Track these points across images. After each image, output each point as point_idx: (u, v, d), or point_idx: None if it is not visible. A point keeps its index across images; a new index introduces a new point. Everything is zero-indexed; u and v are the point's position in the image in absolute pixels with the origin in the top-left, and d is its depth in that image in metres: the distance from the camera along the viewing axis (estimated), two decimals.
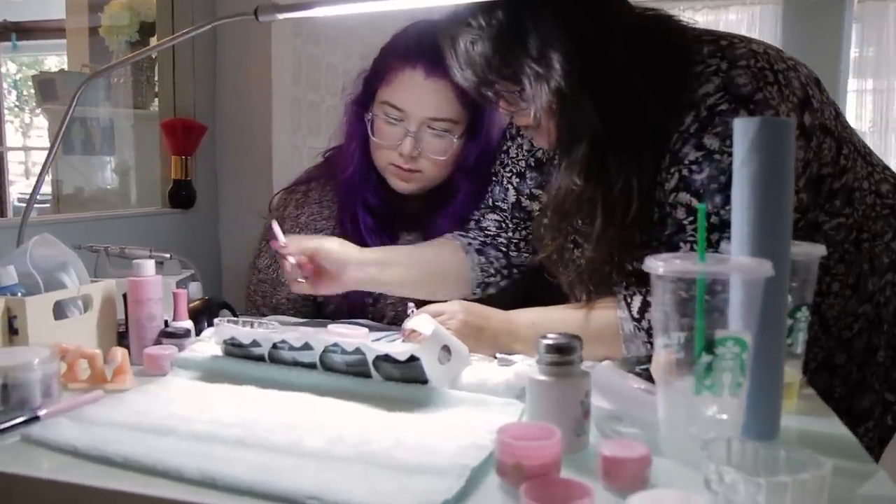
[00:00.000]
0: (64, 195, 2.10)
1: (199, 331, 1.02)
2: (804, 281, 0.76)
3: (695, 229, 0.88)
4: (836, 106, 0.99)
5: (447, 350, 0.81)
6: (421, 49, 1.14)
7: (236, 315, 1.14)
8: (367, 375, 0.82)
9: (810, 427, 0.75)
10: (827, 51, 3.53)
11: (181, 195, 1.68)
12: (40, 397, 0.75)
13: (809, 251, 0.76)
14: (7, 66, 5.25)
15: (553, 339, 0.66)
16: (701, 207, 0.66)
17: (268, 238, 1.32)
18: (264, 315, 1.26)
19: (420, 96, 1.16)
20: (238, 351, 0.89)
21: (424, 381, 0.79)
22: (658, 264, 0.63)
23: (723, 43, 0.91)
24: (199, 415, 0.73)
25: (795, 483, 0.50)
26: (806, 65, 0.96)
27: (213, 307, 1.10)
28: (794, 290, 0.74)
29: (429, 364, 0.79)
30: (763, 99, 0.86)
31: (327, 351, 0.84)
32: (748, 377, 0.63)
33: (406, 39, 1.20)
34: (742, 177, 0.67)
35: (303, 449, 0.65)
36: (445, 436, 0.68)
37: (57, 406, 0.74)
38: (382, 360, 0.81)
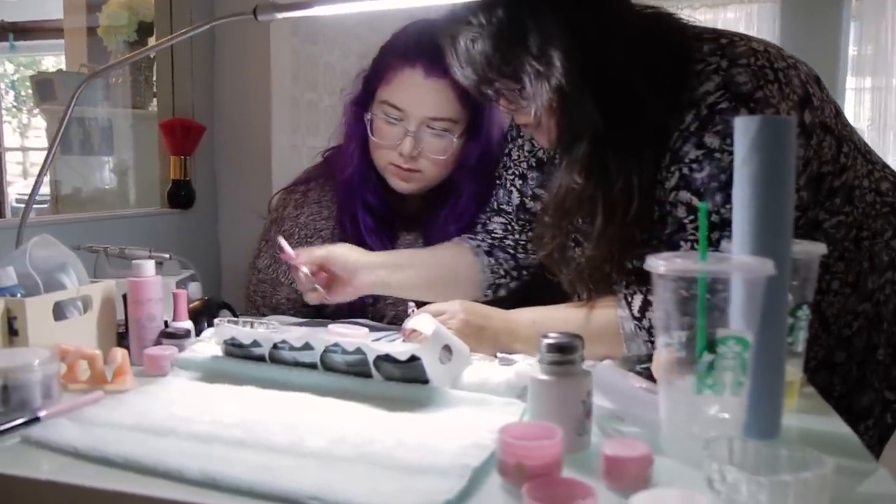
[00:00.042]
0: (62, 195, 2.10)
1: (199, 331, 1.02)
2: (805, 279, 0.76)
3: (695, 228, 0.88)
4: (836, 104, 0.99)
5: (448, 350, 0.81)
6: (420, 48, 1.14)
7: (236, 315, 1.14)
8: (368, 375, 0.82)
9: (811, 426, 0.75)
10: (825, 49, 3.53)
11: (180, 195, 1.68)
12: (40, 398, 0.74)
13: (810, 250, 0.76)
14: (4, 67, 5.25)
15: (554, 339, 0.66)
16: (702, 206, 0.65)
17: (266, 238, 1.33)
18: (264, 315, 1.26)
19: (419, 96, 1.16)
20: (238, 351, 0.89)
21: (425, 381, 0.79)
22: (659, 263, 0.63)
23: (723, 41, 0.91)
24: (200, 415, 0.73)
25: (797, 482, 0.50)
26: (806, 63, 0.96)
27: (213, 307, 1.10)
28: (795, 289, 0.74)
29: (430, 364, 0.79)
30: (763, 97, 0.86)
31: (328, 351, 0.84)
32: (749, 376, 0.63)
33: (405, 39, 1.20)
34: (743, 175, 0.67)
35: (304, 449, 0.65)
36: (447, 436, 0.68)
37: (57, 407, 0.74)
38: (383, 360, 0.81)
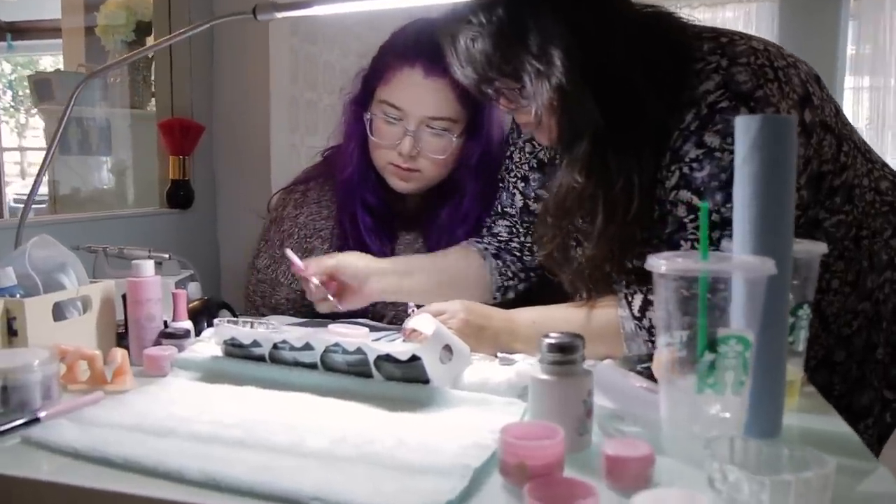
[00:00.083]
0: (60, 195, 2.09)
1: (199, 331, 1.02)
2: (805, 279, 0.76)
3: (696, 227, 0.88)
4: (836, 103, 0.99)
5: (449, 349, 0.81)
6: (420, 48, 1.14)
7: (236, 315, 1.14)
8: (369, 375, 0.82)
9: (812, 425, 0.75)
10: (823, 48, 3.52)
11: (179, 195, 1.68)
12: (40, 399, 0.74)
13: (811, 249, 0.76)
14: (2, 67, 5.24)
15: (555, 338, 0.66)
16: (703, 206, 0.65)
17: (266, 238, 1.33)
18: (263, 315, 1.26)
19: (419, 95, 1.16)
20: (238, 351, 0.89)
21: (426, 381, 0.79)
22: (660, 262, 0.63)
23: (723, 40, 0.91)
24: (200, 416, 0.73)
25: (799, 481, 0.49)
26: (806, 62, 0.96)
27: (213, 307, 1.10)
28: (796, 288, 0.74)
29: (430, 364, 0.78)
30: (763, 96, 0.86)
31: (328, 351, 0.83)
32: (751, 375, 0.63)
33: (405, 38, 1.19)
34: (744, 175, 0.67)
35: (304, 449, 0.65)
36: (448, 436, 0.68)
37: (57, 408, 0.74)
38: (384, 360, 0.81)
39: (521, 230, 1.19)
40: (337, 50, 1.92)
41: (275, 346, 0.86)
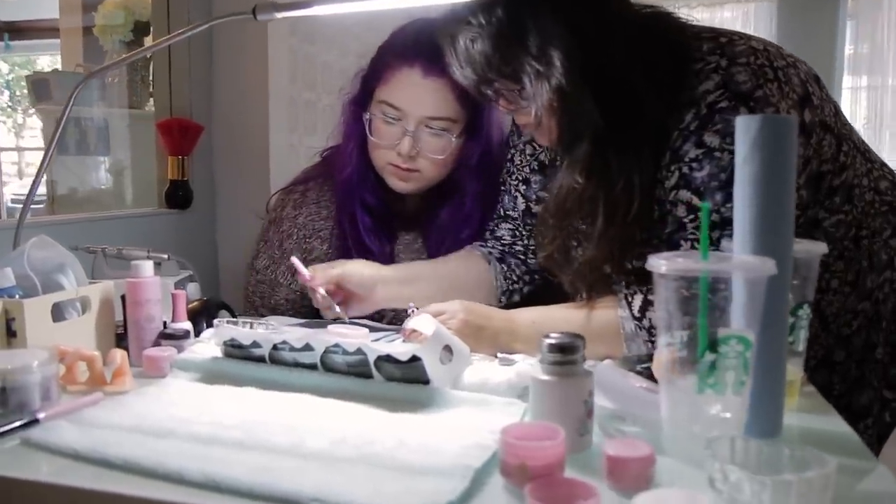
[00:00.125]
0: (58, 196, 2.09)
1: (198, 332, 1.02)
2: (805, 279, 0.76)
3: (695, 227, 0.88)
4: (836, 103, 0.99)
5: (449, 350, 0.81)
6: (419, 48, 1.14)
7: (235, 316, 1.14)
8: (369, 376, 0.82)
9: (812, 424, 0.75)
10: (821, 48, 3.53)
11: (178, 195, 1.68)
12: (39, 400, 0.74)
13: (811, 249, 0.76)
14: None
15: (556, 339, 0.66)
16: (704, 206, 0.65)
17: (265, 239, 1.32)
18: (263, 315, 1.25)
19: (418, 95, 1.16)
20: (238, 352, 0.89)
21: (426, 382, 0.79)
22: (661, 263, 0.63)
23: (722, 40, 0.91)
24: (200, 416, 0.73)
25: (800, 481, 0.49)
26: (805, 62, 0.96)
27: (212, 308, 1.09)
28: (796, 288, 0.74)
29: (430, 364, 0.78)
30: (763, 96, 0.86)
31: (328, 351, 0.83)
32: (751, 375, 0.63)
33: (404, 38, 1.19)
34: (744, 175, 0.67)
35: (304, 450, 0.65)
36: (448, 436, 0.68)
37: (56, 409, 0.74)
38: (384, 361, 0.81)
39: (524, 233, 1.19)
40: (336, 50, 1.92)
41: (274, 347, 0.86)
